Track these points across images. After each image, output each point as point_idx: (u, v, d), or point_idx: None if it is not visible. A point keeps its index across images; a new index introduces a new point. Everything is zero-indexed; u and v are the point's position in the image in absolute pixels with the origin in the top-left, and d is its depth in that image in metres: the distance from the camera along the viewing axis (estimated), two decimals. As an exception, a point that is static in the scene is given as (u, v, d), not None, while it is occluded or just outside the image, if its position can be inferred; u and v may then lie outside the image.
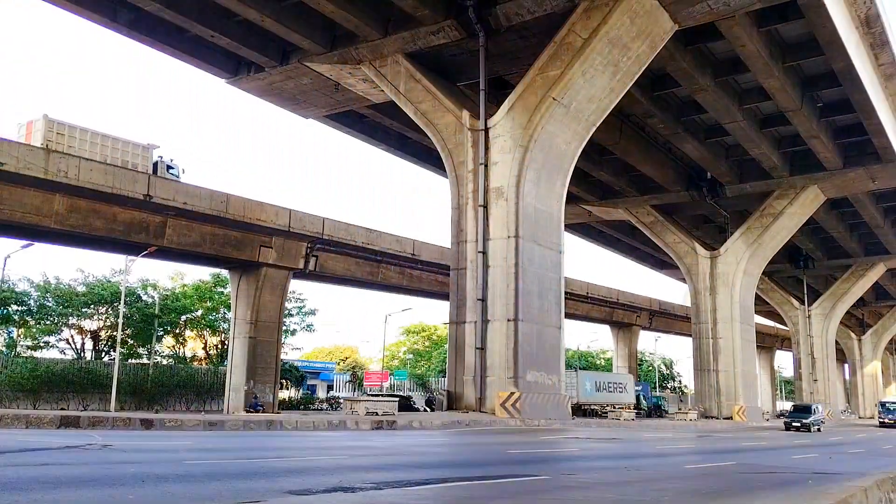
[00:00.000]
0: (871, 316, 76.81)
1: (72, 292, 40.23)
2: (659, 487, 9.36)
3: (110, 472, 8.84)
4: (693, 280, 45.57)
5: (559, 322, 26.91)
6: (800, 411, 39.41)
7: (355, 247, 36.48)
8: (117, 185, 26.88)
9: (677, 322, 65.36)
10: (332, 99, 31.96)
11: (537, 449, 15.68)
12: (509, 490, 8.54)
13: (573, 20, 24.62)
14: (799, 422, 36.41)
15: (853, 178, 39.41)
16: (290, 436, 17.02)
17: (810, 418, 36.92)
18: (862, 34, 28.14)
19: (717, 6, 23.84)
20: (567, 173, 27.72)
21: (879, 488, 7.44)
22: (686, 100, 33.23)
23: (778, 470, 12.87)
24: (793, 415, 38.65)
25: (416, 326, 75.56)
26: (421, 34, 26.35)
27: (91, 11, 26.00)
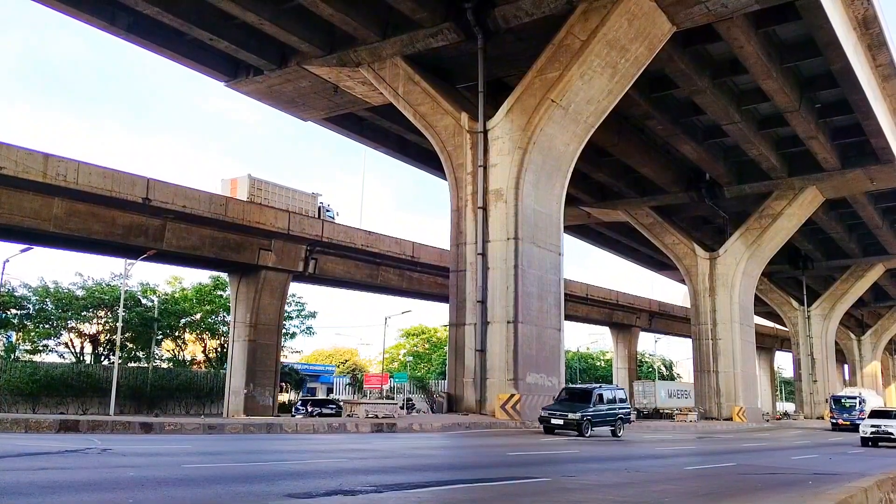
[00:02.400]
0: (871, 316, 76.82)
1: (71, 296, 40.21)
2: (659, 489, 9.36)
3: (109, 476, 8.83)
4: (692, 281, 45.57)
5: (559, 324, 26.90)
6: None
7: (355, 249, 36.48)
8: (116, 188, 26.89)
9: (677, 323, 65.39)
10: (331, 102, 31.96)
11: (537, 451, 15.67)
12: (509, 492, 8.54)
13: (571, 22, 24.64)
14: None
15: (851, 179, 39.42)
16: (289, 439, 17.00)
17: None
18: (860, 35, 28.16)
19: (715, 8, 23.86)
20: (566, 175, 27.72)
21: (879, 489, 7.43)
22: (684, 101, 33.25)
23: (778, 471, 12.87)
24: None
25: (416, 329, 75.54)
26: (419, 37, 26.36)
27: (89, 15, 25.99)
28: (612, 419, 23.20)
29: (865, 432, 24.11)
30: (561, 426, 21.61)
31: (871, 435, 23.89)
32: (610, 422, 23.15)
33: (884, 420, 24.49)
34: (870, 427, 24.23)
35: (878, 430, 23.79)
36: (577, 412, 21.53)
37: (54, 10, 25.75)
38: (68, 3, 25.34)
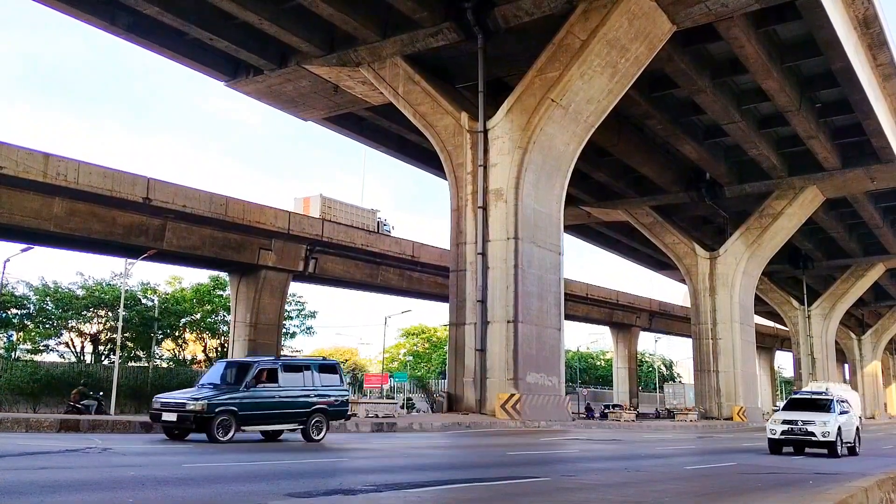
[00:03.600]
0: (871, 316, 76.79)
1: (71, 296, 40.21)
2: (659, 489, 9.36)
3: (110, 475, 8.84)
4: (692, 281, 45.56)
5: (559, 323, 26.90)
6: None
7: (355, 249, 36.47)
8: (116, 188, 26.88)
9: (677, 323, 65.36)
10: (331, 101, 31.96)
11: (537, 451, 15.68)
12: (510, 492, 8.54)
13: (571, 22, 24.63)
14: None
15: (852, 179, 39.41)
16: (289, 438, 16.99)
17: None
18: (860, 35, 28.16)
19: (716, 7, 23.86)
20: (566, 174, 27.72)
21: (880, 488, 7.44)
22: (685, 101, 33.24)
23: (778, 470, 12.87)
24: None
25: (416, 328, 75.53)
26: (419, 36, 26.36)
27: (89, 14, 26.00)
28: (300, 412, 14.76)
29: (774, 432, 16.98)
30: (173, 424, 13.97)
31: (781, 436, 16.92)
32: (292, 417, 14.77)
33: (803, 413, 17.19)
34: (781, 425, 17.01)
35: (793, 430, 16.78)
36: (202, 399, 13.62)
37: (54, 9, 25.76)
38: (68, 3, 25.35)
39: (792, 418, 17.18)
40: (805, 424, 16.80)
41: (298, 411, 14.88)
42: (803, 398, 19.19)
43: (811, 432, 16.67)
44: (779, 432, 17.13)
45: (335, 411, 15.64)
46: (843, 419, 17.49)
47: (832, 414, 17.20)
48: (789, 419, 17.19)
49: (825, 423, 16.64)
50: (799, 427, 16.87)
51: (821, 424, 16.64)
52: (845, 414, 17.90)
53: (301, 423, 14.89)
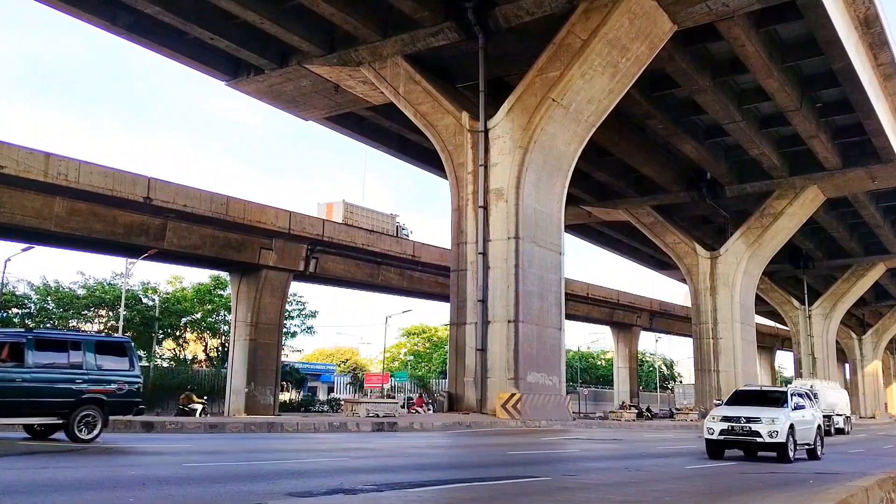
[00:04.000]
0: (872, 316, 76.75)
1: (72, 295, 40.25)
2: (660, 488, 9.36)
3: (111, 474, 8.85)
4: (693, 280, 45.55)
5: (560, 323, 26.90)
6: None
7: (355, 248, 36.47)
8: (117, 187, 26.89)
9: (678, 322, 65.35)
10: (331, 101, 31.96)
11: (538, 450, 15.68)
12: (510, 491, 8.54)
13: (572, 21, 24.63)
14: None
15: (853, 178, 39.39)
16: (290, 438, 17.01)
17: None
18: (861, 34, 28.14)
19: (717, 7, 23.85)
20: (567, 174, 27.72)
21: (881, 488, 7.43)
22: (685, 100, 33.23)
23: (779, 470, 12.87)
24: None
25: (417, 328, 75.53)
26: (420, 36, 26.36)
27: (90, 14, 26.01)
28: (59, 402, 11.74)
29: (712, 431, 14.27)
30: None
31: (720, 437, 14.23)
32: (47, 407, 11.73)
33: (749, 408, 14.56)
34: (720, 423, 14.25)
35: (734, 429, 14.08)
36: None
37: (55, 9, 25.77)
38: (69, 3, 25.36)
39: (734, 414, 14.38)
40: (749, 422, 14.05)
41: (56, 400, 11.59)
42: (751, 391, 16.94)
43: (756, 432, 13.95)
44: (717, 432, 14.27)
45: (118, 403, 12.23)
46: (799, 416, 14.91)
47: (783, 409, 14.62)
48: (731, 416, 14.39)
49: (773, 421, 13.99)
50: (742, 426, 14.12)
51: (768, 422, 13.96)
52: (801, 410, 15.31)
53: (63, 416, 11.64)
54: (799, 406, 15.44)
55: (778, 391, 16.61)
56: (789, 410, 14.77)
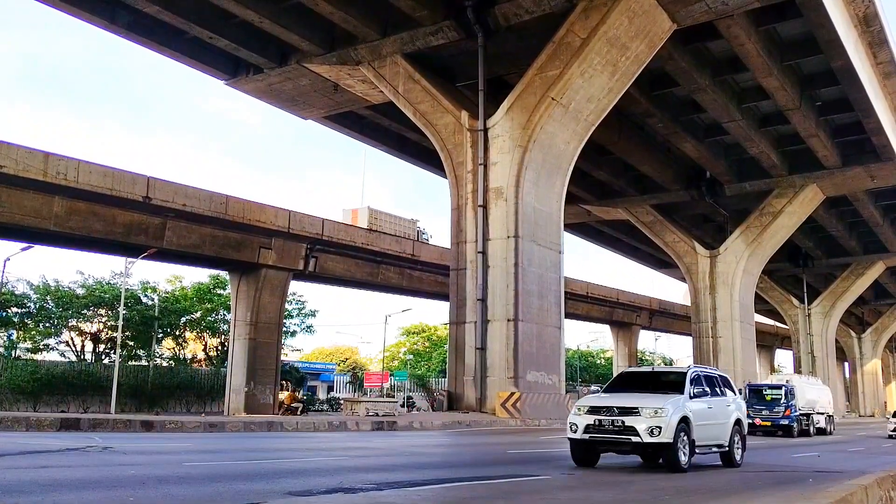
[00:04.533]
0: (871, 314, 76.82)
1: (71, 294, 40.21)
2: (659, 486, 9.37)
3: (111, 474, 8.84)
4: (693, 279, 45.57)
5: (559, 322, 26.91)
6: None
7: (355, 248, 36.46)
8: (116, 187, 26.88)
9: (677, 321, 65.38)
10: (331, 100, 31.95)
11: (538, 449, 15.69)
12: (510, 490, 8.55)
13: (572, 20, 24.62)
14: None
15: (852, 177, 39.40)
16: (290, 437, 17.01)
17: None
18: (860, 33, 28.14)
19: (716, 5, 23.84)
20: (566, 173, 27.71)
21: (880, 486, 7.44)
22: (685, 99, 33.23)
23: (778, 469, 12.89)
24: None
25: (416, 327, 75.54)
26: (419, 35, 26.35)
27: (89, 13, 26.00)
28: None
29: (575, 428, 10.90)
30: None
31: (585, 436, 10.83)
32: None
33: (628, 396, 11.27)
34: (586, 416, 10.93)
35: (602, 424, 10.74)
36: None
37: (54, 8, 25.76)
38: (68, 2, 25.35)
39: (605, 404, 11.00)
40: (623, 415, 10.65)
41: None
42: (640, 372, 13.35)
43: (630, 428, 10.52)
44: (581, 428, 10.85)
45: None
46: (700, 407, 11.49)
47: (675, 398, 11.09)
48: (601, 406, 11.00)
49: (657, 413, 10.49)
50: (612, 420, 10.67)
51: (649, 415, 10.52)
52: (704, 398, 11.81)
53: None
54: (701, 394, 11.82)
55: (674, 372, 12.65)
56: (684, 399, 11.24)
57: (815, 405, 30.62)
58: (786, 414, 27.58)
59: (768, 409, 28.06)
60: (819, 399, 31.79)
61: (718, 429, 12.18)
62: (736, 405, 13.07)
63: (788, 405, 27.84)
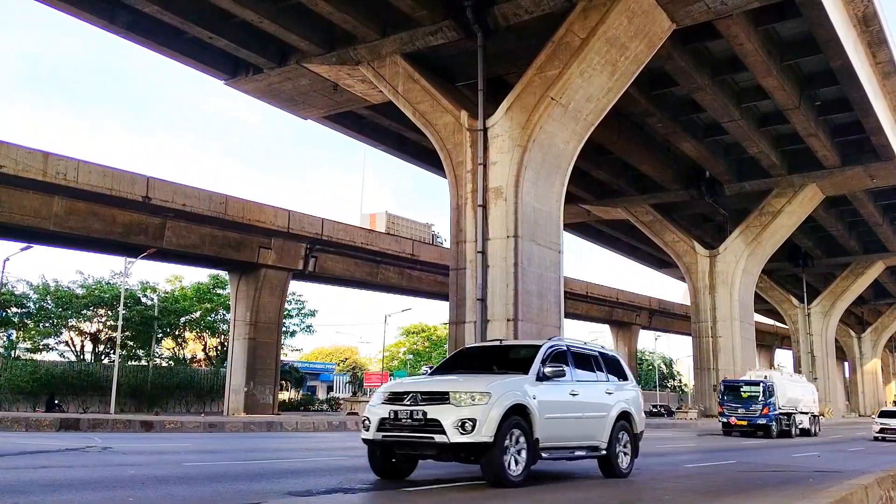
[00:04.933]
0: (871, 314, 76.84)
1: (71, 294, 40.22)
2: (659, 487, 9.36)
3: (110, 474, 8.84)
4: (692, 279, 45.58)
5: (559, 322, 26.89)
6: None
7: (354, 247, 36.47)
8: (116, 187, 26.88)
9: (677, 321, 65.43)
10: (330, 100, 31.93)
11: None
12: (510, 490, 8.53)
13: (571, 20, 24.61)
14: None
15: (851, 177, 39.40)
16: (290, 437, 17.01)
17: None
18: (859, 32, 28.14)
19: (715, 5, 23.84)
20: (566, 173, 27.71)
21: (880, 486, 7.44)
22: (684, 99, 33.23)
23: (778, 468, 12.88)
24: None
25: (416, 327, 75.57)
26: (419, 35, 26.34)
27: (89, 13, 25.97)
28: None
29: (368, 423, 8.32)
30: None
31: (377, 434, 8.21)
32: None
33: (443, 381, 8.40)
34: (382, 409, 8.19)
35: (398, 416, 7.97)
36: None
37: (54, 8, 25.72)
38: (68, 2, 25.32)
39: (410, 389, 8.24)
40: (428, 402, 7.83)
41: None
42: (484, 347, 10.61)
43: (433, 422, 7.67)
44: (375, 424, 8.16)
45: None
46: (558, 395, 8.61)
47: (511, 379, 8.31)
48: (403, 392, 8.21)
49: (473, 400, 7.64)
50: (411, 412, 7.86)
51: (461, 404, 7.66)
52: (561, 382, 8.71)
53: None
54: (558, 375, 8.58)
55: (527, 346, 9.44)
56: (525, 381, 8.21)
57: (797, 404, 29.27)
58: (763, 412, 26.33)
59: (744, 408, 26.76)
60: (803, 398, 30.34)
61: (588, 425, 9.10)
62: (624, 394, 9.99)
63: (767, 403, 26.56)
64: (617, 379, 10.24)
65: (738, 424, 26.49)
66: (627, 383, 10.47)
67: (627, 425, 9.98)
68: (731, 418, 26.65)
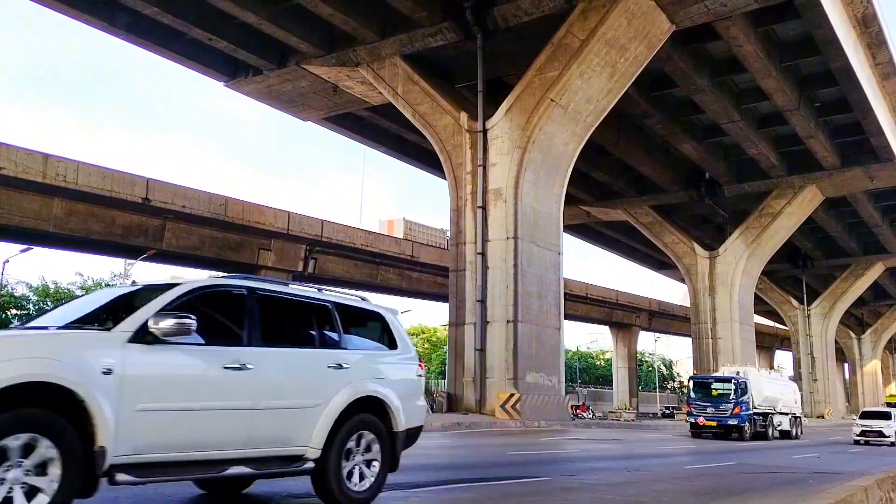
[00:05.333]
0: (871, 315, 76.85)
1: (71, 296, 40.20)
2: (659, 488, 9.36)
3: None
4: (692, 280, 45.60)
5: (558, 323, 26.91)
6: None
7: (354, 249, 36.48)
8: (115, 188, 26.88)
9: (677, 322, 65.41)
10: (330, 101, 31.97)
11: (538, 450, 15.68)
12: (510, 492, 8.53)
13: (571, 21, 24.65)
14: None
15: (851, 178, 39.44)
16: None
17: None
18: (859, 33, 28.17)
19: (715, 7, 23.87)
20: (565, 174, 27.73)
21: (880, 487, 7.44)
22: (684, 100, 33.26)
23: (778, 470, 12.88)
24: None
25: (416, 328, 75.47)
26: (418, 36, 26.36)
27: (89, 15, 26.01)
28: None
29: None
30: None
31: None
32: None
33: None
34: None
35: None
36: None
37: (54, 10, 25.76)
38: (68, 4, 25.35)
39: None
40: None
41: None
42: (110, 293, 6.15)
43: None
44: None
45: None
46: (178, 368, 5.04)
47: (49, 336, 4.81)
48: None
49: None
50: None
51: None
52: (192, 346, 5.06)
53: None
54: (183, 331, 4.86)
55: (160, 287, 5.36)
56: (113, 341, 4.74)
57: (776, 404, 27.08)
58: (735, 412, 24.06)
59: (714, 407, 24.43)
60: (782, 397, 28.09)
61: (271, 420, 5.58)
62: (377, 370, 6.52)
63: (739, 402, 24.27)
64: (373, 347, 6.85)
65: (707, 425, 24.40)
66: (392, 354, 6.85)
67: (372, 422, 6.26)
68: (700, 418, 24.52)
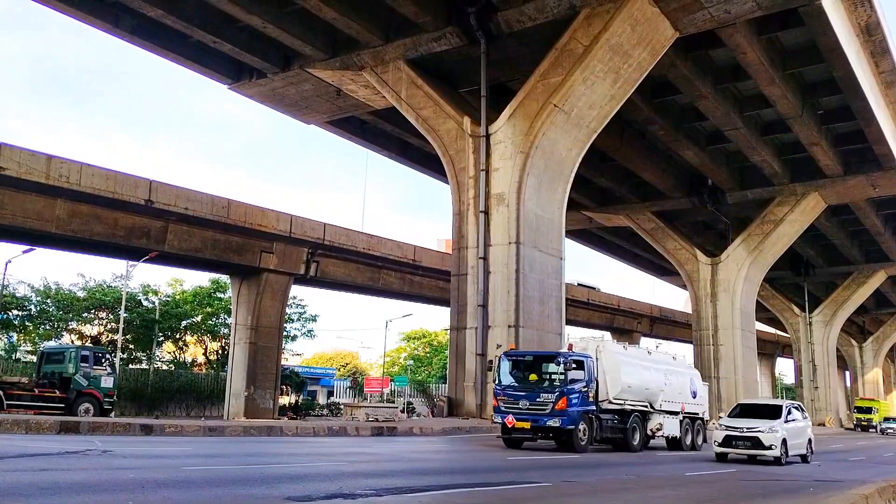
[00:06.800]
0: (872, 323, 76.70)
1: (72, 297, 40.25)
2: (659, 495, 9.34)
3: (110, 477, 8.83)
4: (694, 287, 45.54)
5: (560, 328, 26.87)
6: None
7: (356, 252, 36.47)
8: (118, 190, 26.92)
9: (678, 328, 65.30)
10: (333, 105, 32.01)
11: (538, 456, 15.64)
12: (510, 497, 8.53)
13: (574, 27, 24.67)
14: None
15: (854, 186, 39.41)
16: (290, 442, 16.99)
17: None
18: (862, 42, 28.17)
19: (718, 14, 23.88)
20: (568, 179, 27.73)
21: (881, 496, 7.42)
22: (687, 107, 33.26)
23: (779, 477, 12.85)
24: None
25: (417, 332, 75.48)
26: (422, 41, 26.40)
27: (94, 17, 26.09)
28: None
29: None
30: None
31: None
32: None
33: None
34: None
35: None
36: None
37: (59, 12, 25.84)
38: (72, 6, 25.43)
39: None
40: None
41: None
42: None
43: None
44: None
45: None
46: None
47: None
48: None
49: None
50: None
51: None
52: None
53: None
54: None
55: None
56: None
57: (654, 399, 19.14)
58: (557, 408, 15.71)
59: (529, 399, 16.22)
60: (666, 388, 19.67)
61: None
62: None
63: (565, 391, 15.89)
64: None
65: (520, 427, 16.29)
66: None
67: None
68: (508, 417, 16.40)
